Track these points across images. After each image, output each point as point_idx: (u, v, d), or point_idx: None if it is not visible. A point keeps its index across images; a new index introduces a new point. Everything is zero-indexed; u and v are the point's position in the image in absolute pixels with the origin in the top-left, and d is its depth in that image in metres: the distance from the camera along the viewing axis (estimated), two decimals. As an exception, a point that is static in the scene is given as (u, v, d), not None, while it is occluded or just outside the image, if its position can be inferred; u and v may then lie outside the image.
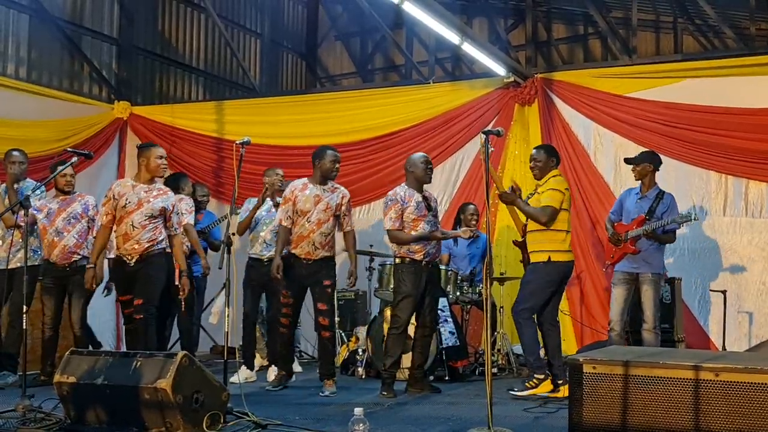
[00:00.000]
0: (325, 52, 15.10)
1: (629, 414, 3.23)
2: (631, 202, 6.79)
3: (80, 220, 6.99)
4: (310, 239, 6.33)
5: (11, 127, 8.77)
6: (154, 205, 6.05)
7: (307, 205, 6.36)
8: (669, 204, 6.67)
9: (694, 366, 3.16)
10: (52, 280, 6.96)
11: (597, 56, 13.13)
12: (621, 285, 6.64)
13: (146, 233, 6.02)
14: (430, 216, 6.42)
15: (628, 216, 6.76)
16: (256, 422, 4.65)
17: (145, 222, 6.01)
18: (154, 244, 6.06)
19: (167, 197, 6.17)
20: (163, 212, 6.11)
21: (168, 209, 6.14)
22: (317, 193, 6.41)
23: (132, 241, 6.00)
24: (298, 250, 6.38)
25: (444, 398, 6.04)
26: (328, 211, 6.39)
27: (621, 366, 3.29)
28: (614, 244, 6.72)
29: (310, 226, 6.33)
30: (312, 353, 9.23)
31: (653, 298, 6.54)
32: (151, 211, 6.03)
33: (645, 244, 6.57)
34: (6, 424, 4.74)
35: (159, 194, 6.13)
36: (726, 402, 3.07)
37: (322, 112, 9.89)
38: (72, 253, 6.92)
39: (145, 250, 6.02)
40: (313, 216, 6.34)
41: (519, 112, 8.84)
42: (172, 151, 10.32)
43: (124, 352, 5.03)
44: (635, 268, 6.60)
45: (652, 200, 6.66)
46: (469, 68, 13.21)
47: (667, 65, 8.60)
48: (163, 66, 11.86)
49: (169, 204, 6.15)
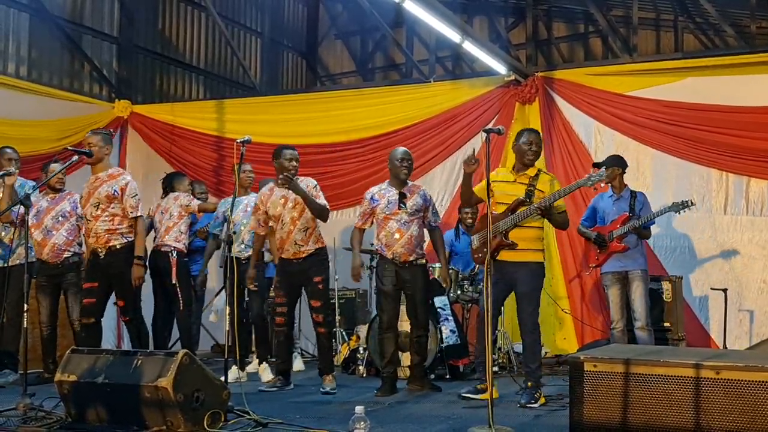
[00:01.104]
0: (326, 51, 15.10)
1: (630, 412, 3.23)
2: (607, 204, 6.95)
3: (69, 218, 7.00)
4: (291, 240, 6.33)
5: (12, 126, 8.76)
6: (99, 193, 6.09)
7: (277, 209, 6.36)
8: (643, 201, 6.91)
9: (695, 364, 3.16)
10: (45, 279, 7.00)
11: (598, 55, 13.13)
12: (614, 285, 6.77)
13: (101, 224, 6.10)
14: (402, 214, 6.34)
15: (607, 218, 6.90)
16: (256, 421, 4.64)
17: (97, 213, 6.08)
18: (113, 236, 6.11)
19: (113, 182, 6.15)
20: (111, 199, 6.10)
21: (116, 194, 6.12)
22: (283, 194, 6.38)
23: (92, 235, 6.13)
24: (285, 254, 6.39)
25: (444, 397, 6.04)
26: (298, 206, 6.33)
27: (622, 364, 3.29)
28: (599, 245, 6.80)
29: (287, 228, 6.33)
30: (312, 351, 9.23)
31: (643, 295, 6.68)
32: (97, 200, 6.08)
33: (631, 242, 6.70)
34: (7, 423, 4.73)
35: (104, 182, 6.15)
36: (727, 400, 3.07)
37: (322, 110, 9.89)
38: (63, 251, 6.94)
39: (107, 242, 6.08)
40: (286, 216, 6.33)
41: (520, 111, 8.83)
42: (173, 150, 10.34)
43: (124, 350, 5.05)
44: (623, 266, 6.74)
45: (628, 199, 6.87)
46: (470, 67, 13.21)
47: (668, 63, 8.60)
48: (163, 65, 11.86)
49: (116, 188, 6.13)
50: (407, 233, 6.33)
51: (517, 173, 5.72)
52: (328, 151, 9.72)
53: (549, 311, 8.30)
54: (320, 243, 6.44)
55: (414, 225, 6.37)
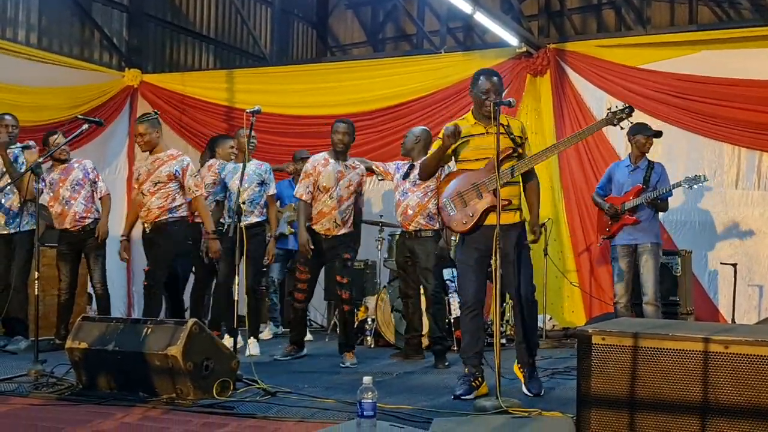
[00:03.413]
0: (336, 21, 15.01)
1: (638, 385, 3.24)
2: (623, 174, 6.77)
3: (83, 185, 7.05)
4: (331, 216, 6.31)
5: (22, 93, 8.77)
6: (161, 171, 6.24)
7: (331, 181, 6.33)
8: (661, 173, 6.70)
9: (704, 338, 3.15)
10: (67, 247, 7.08)
11: (610, 26, 13.01)
12: (623, 258, 6.62)
13: (155, 200, 6.22)
14: (406, 184, 6.43)
15: (621, 188, 6.73)
16: (265, 389, 4.67)
17: (153, 189, 6.22)
18: (164, 212, 6.22)
19: (174, 163, 6.29)
20: (172, 178, 6.23)
21: (178, 174, 6.26)
22: (340, 169, 6.38)
23: (144, 209, 6.27)
24: (318, 227, 6.37)
25: (452, 368, 6.06)
26: (351, 188, 6.39)
27: (630, 337, 3.29)
28: (611, 217, 6.66)
29: (333, 203, 6.31)
30: (321, 322, 9.27)
31: (653, 269, 6.51)
32: (158, 178, 6.21)
33: (643, 214, 6.57)
34: (19, 389, 4.79)
35: (165, 162, 6.29)
36: (735, 374, 3.07)
37: (332, 81, 9.84)
38: (83, 218, 7.01)
39: (156, 218, 6.20)
40: (337, 193, 6.32)
41: (531, 83, 8.79)
42: (183, 119, 10.33)
43: (135, 318, 5.08)
44: (634, 239, 6.59)
45: (644, 170, 6.66)
46: (481, 38, 13.12)
47: (682, 36, 8.52)
48: (173, 34, 11.82)
49: (177, 169, 6.27)
50: (404, 202, 6.42)
51: (485, 124, 4.88)
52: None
53: (557, 284, 8.31)
54: (353, 228, 6.50)
55: (414, 195, 6.37)
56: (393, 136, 9.35)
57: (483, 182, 4.78)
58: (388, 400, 4.46)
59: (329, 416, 4.07)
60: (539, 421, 3.88)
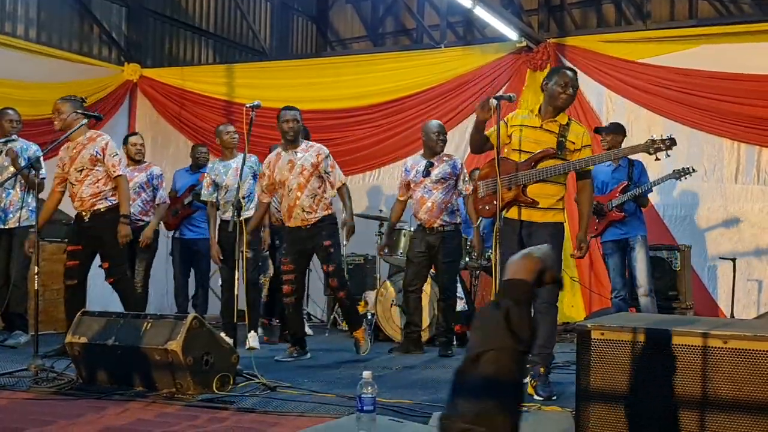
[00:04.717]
0: (336, 16, 14.98)
1: (637, 380, 3.24)
2: (606, 173, 6.88)
3: (145, 189, 7.34)
4: (298, 206, 6.19)
5: (21, 88, 8.77)
6: (83, 156, 6.07)
7: (284, 173, 6.21)
8: (641, 169, 6.86)
9: (703, 333, 3.15)
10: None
11: (610, 21, 12.98)
12: (615, 253, 6.77)
13: (86, 188, 6.08)
14: (426, 182, 6.58)
15: (605, 187, 6.84)
16: (265, 384, 4.68)
17: (81, 177, 6.07)
18: (100, 199, 6.10)
19: (93, 145, 6.11)
20: (95, 161, 6.07)
21: (98, 155, 6.08)
22: (290, 158, 6.25)
23: (77, 200, 6.14)
24: (293, 221, 6.25)
25: (452, 362, 6.07)
26: (305, 172, 6.19)
27: (629, 332, 3.29)
28: (597, 215, 6.73)
29: (294, 194, 6.18)
30: (321, 317, 9.28)
31: (645, 261, 6.65)
32: (81, 164, 6.06)
33: (629, 210, 6.70)
34: (19, 383, 4.80)
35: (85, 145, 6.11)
36: (734, 369, 3.07)
37: (332, 76, 9.85)
38: (138, 220, 7.19)
39: (93, 206, 6.08)
40: (293, 182, 6.18)
41: (531, 78, 8.78)
42: (182, 114, 10.33)
43: (135, 313, 5.07)
44: (623, 234, 6.72)
45: (626, 168, 6.81)
46: (481, 33, 13.08)
47: (682, 30, 8.53)
48: (173, 28, 11.79)
49: (97, 150, 6.09)
50: (429, 200, 6.56)
51: (544, 118, 4.81)
52: (338, 117, 9.70)
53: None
54: (329, 210, 6.31)
55: (438, 192, 6.55)
56: (393, 131, 9.37)
57: (515, 174, 4.71)
58: (388, 394, 4.46)
59: (329, 411, 4.08)
60: (538, 416, 3.89)
